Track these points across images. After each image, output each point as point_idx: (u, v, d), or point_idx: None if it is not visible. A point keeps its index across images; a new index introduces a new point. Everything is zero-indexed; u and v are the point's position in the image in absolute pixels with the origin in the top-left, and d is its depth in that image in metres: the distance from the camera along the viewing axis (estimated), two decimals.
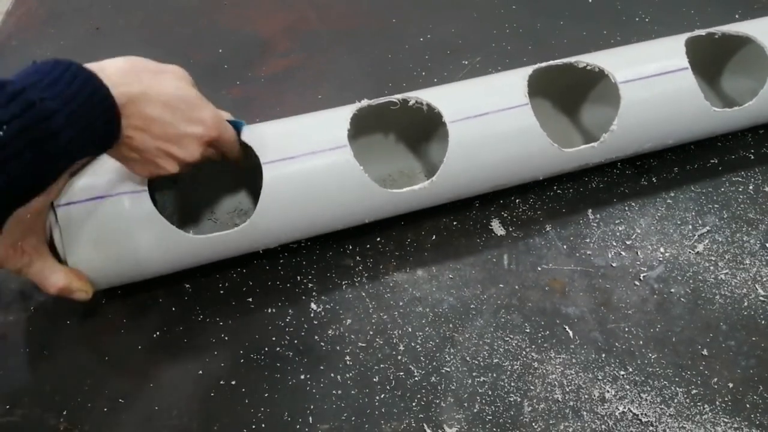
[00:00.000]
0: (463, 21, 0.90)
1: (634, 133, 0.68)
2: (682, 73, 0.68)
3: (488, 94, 0.66)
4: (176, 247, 0.60)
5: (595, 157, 0.68)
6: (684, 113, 0.69)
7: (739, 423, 0.56)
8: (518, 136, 0.65)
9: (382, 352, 0.60)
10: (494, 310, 0.63)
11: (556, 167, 0.68)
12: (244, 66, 0.85)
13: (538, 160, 0.66)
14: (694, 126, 0.70)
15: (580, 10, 0.92)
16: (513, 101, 0.65)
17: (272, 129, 0.64)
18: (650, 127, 0.68)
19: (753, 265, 0.65)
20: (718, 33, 0.72)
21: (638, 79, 0.67)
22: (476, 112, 0.64)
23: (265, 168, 0.60)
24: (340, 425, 0.56)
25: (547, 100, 0.77)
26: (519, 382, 0.58)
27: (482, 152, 0.64)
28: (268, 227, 0.61)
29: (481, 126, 0.64)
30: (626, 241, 0.67)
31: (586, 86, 0.76)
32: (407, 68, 0.84)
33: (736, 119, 0.71)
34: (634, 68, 0.67)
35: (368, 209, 0.64)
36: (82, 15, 0.92)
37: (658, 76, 0.67)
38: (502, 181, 0.68)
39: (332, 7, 0.93)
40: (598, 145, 0.67)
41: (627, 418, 0.56)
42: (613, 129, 0.66)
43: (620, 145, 0.68)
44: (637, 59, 0.69)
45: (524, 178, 0.69)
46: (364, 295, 0.64)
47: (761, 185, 0.72)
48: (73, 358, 0.60)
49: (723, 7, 0.80)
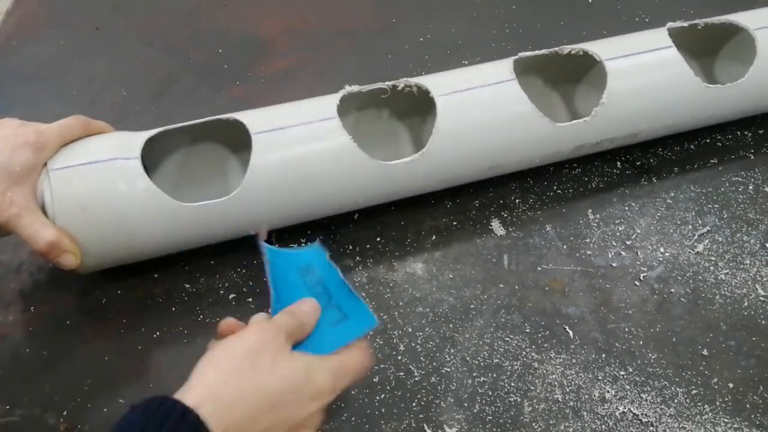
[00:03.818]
0: (463, 21, 0.90)
1: (625, 109, 0.68)
2: (668, 51, 0.69)
3: (476, 74, 0.67)
4: (166, 216, 0.59)
5: (589, 134, 0.68)
6: (675, 89, 0.69)
7: (739, 423, 0.56)
8: (507, 109, 0.65)
9: (382, 352, 0.60)
10: (494, 310, 0.63)
11: (550, 146, 0.67)
12: (244, 66, 0.85)
13: (529, 136, 0.66)
14: (688, 104, 0.70)
15: (580, 10, 0.92)
16: (500, 77, 0.66)
17: (261, 112, 0.64)
18: (641, 103, 0.68)
19: (753, 265, 0.65)
20: (701, 24, 0.73)
21: (624, 56, 0.68)
22: (464, 86, 0.65)
23: (255, 137, 0.60)
24: (340, 425, 0.56)
25: (543, 96, 0.77)
26: (519, 383, 0.58)
27: (471, 126, 0.64)
28: (260, 197, 0.60)
29: (469, 99, 0.64)
30: (626, 241, 0.67)
31: (578, 78, 0.76)
32: (407, 68, 0.83)
33: (731, 98, 0.71)
34: (619, 50, 0.69)
35: (359, 184, 0.63)
36: (82, 15, 0.92)
37: (644, 54, 0.69)
38: (495, 159, 0.67)
39: (332, 7, 0.93)
40: (591, 120, 0.66)
41: (627, 419, 0.56)
42: (603, 102, 0.66)
43: (613, 123, 0.68)
44: (621, 44, 0.70)
45: (519, 159, 0.68)
46: (365, 295, 0.64)
47: (761, 185, 0.72)
48: (73, 358, 0.60)
49: (722, 8, 0.80)
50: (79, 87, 0.82)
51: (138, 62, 0.86)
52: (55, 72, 0.85)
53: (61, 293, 0.64)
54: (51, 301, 0.63)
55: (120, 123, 0.79)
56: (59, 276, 0.64)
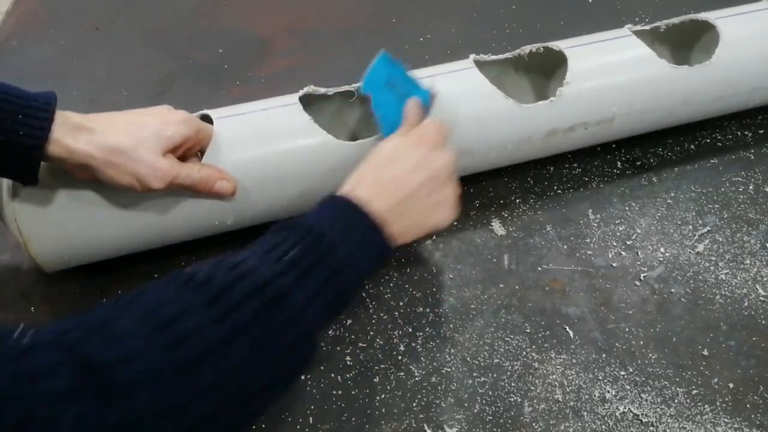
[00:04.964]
0: (463, 21, 0.90)
1: (590, 91, 0.68)
2: (629, 38, 0.71)
3: (438, 68, 0.69)
4: None
5: (559, 119, 0.67)
6: (639, 69, 0.69)
7: (739, 423, 0.56)
8: (471, 94, 0.66)
9: (382, 353, 0.60)
10: (494, 311, 0.63)
11: (520, 130, 0.67)
12: (244, 66, 0.85)
13: (498, 120, 0.66)
14: (655, 85, 0.69)
15: (580, 10, 0.92)
16: (460, 66, 0.68)
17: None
18: (605, 83, 0.68)
19: (753, 265, 0.65)
20: (662, 26, 0.74)
21: (585, 44, 0.70)
22: (426, 74, 0.66)
23: (217, 121, 0.63)
24: (341, 425, 0.56)
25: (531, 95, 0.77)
26: (519, 383, 0.58)
27: (438, 110, 0.63)
28: None
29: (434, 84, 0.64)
30: (626, 241, 0.68)
31: (557, 77, 0.75)
32: (407, 68, 0.83)
33: (697, 80, 0.70)
34: (580, 40, 0.71)
35: (329, 165, 0.63)
36: (82, 15, 0.92)
37: (605, 42, 0.70)
38: (467, 145, 0.66)
39: (332, 7, 0.93)
40: (557, 101, 0.66)
41: (627, 419, 0.56)
42: (567, 82, 0.66)
43: (581, 106, 0.68)
44: (583, 39, 0.72)
45: (489, 144, 0.67)
46: (365, 295, 0.64)
47: (761, 185, 0.72)
48: None
49: (721, 6, 0.80)
50: (79, 87, 0.82)
51: (138, 62, 0.86)
52: (55, 72, 0.85)
53: (61, 293, 0.64)
54: (51, 301, 0.63)
55: None
56: (59, 276, 0.64)
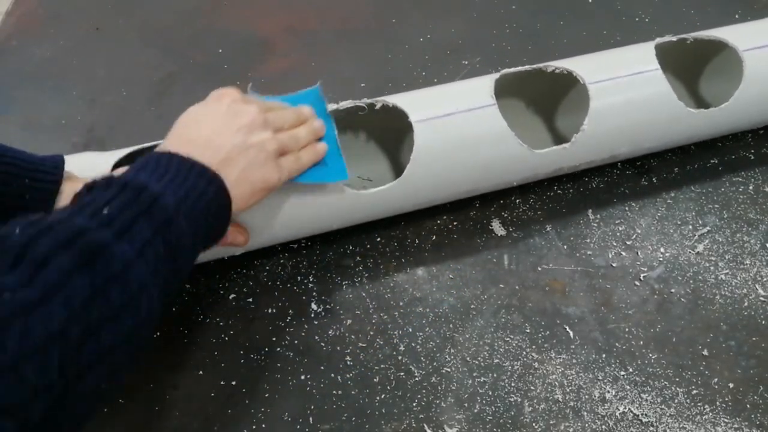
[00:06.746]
0: (463, 21, 0.90)
1: (606, 135, 0.67)
2: (653, 73, 0.67)
3: (456, 96, 0.65)
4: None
5: (568, 159, 0.67)
6: (657, 113, 0.67)
7: (739, 423, 0.56)
8: (486, 136, 0.64)
9: (382, 353, 0.60)
10: (494, 311, 0.63)
11: (528, 171, 0.67)
12: (244, 66, 0.85)
13: (508, 163, 0.65)
14: (670, 128, 0.69)
15: (580, 10, 0.92)
16: (480, 102, 0.64)
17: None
18: (623, 128, 0.67)
19: (753, 265, 0.65)
20: (689, 39, 0.71)
21: (608, 79, 0.66)
22: (442, 112, 0.63)
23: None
24: (341, 425, 0.56)
25: (523, 112, 0.77)
26: (519, 383, 0.58)
27: (450, 152, 0.63)
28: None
29: (448, 126, 0.63)
30: (626, 241, 0.68)
31: (561, 95, 0.75)
32: (407, 68, 0.84)
33: (714, 122, 0.70)
34: (604, 70, 0.67)
35: (334, 212, 0.63)
36: (82, 15, 0.92)
37: (629, 77, 0.66)
38: (473, 185, 0.67)
39: (332, 7, 0.93)
40: (570, 146, 0.65)
41: (627, 419, 0.56)
42: (584, 129, 0.65)
43: (593, 148, 0.67)
44: (607, 62, 0.68)
45: (497, 183, 0.68)
46: (365, 296, 0.64)
47: (761, 185, 0.72)
48: None
49: (722, 8, 0.80)
50: (79, 87, 0.82)
51: (138, 62, 0.86)
52: (55, 72, 0.85)
53: None
54: None
55: (120, 123, 0.79)
56: None
